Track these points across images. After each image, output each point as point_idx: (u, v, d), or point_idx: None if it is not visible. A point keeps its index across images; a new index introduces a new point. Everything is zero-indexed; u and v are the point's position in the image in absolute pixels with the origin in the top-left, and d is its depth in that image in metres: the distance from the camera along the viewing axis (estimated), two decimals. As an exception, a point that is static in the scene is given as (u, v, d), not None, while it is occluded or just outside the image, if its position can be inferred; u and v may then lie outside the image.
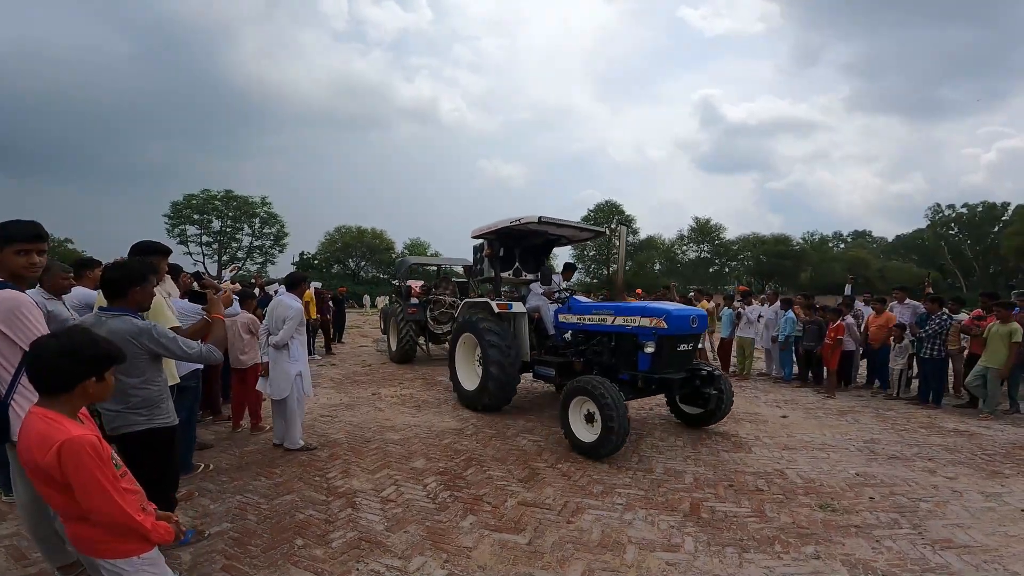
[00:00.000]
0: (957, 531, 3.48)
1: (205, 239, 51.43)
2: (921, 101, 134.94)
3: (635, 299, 10.57)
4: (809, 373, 9.02)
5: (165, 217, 49.80)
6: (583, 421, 4.99)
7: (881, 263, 55.93)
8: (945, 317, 7.28)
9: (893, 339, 7.91)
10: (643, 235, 59.71)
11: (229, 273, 9.94)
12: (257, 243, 54.08)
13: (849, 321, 8.51)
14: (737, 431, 5.87)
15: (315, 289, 12.55)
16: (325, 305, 12.94)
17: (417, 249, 58.13)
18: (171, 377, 3.46)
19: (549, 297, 6.80)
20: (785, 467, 4.73)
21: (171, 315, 3.47)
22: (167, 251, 3.78)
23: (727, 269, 57.74)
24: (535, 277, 7.56)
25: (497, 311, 6.47)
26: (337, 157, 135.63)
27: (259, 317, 5.88)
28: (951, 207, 54.52)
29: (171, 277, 4.25)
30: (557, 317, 6.46)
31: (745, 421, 6.41)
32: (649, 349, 5.07)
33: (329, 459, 4.81)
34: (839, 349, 8.27)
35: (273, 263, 53.61)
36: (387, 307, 13.15)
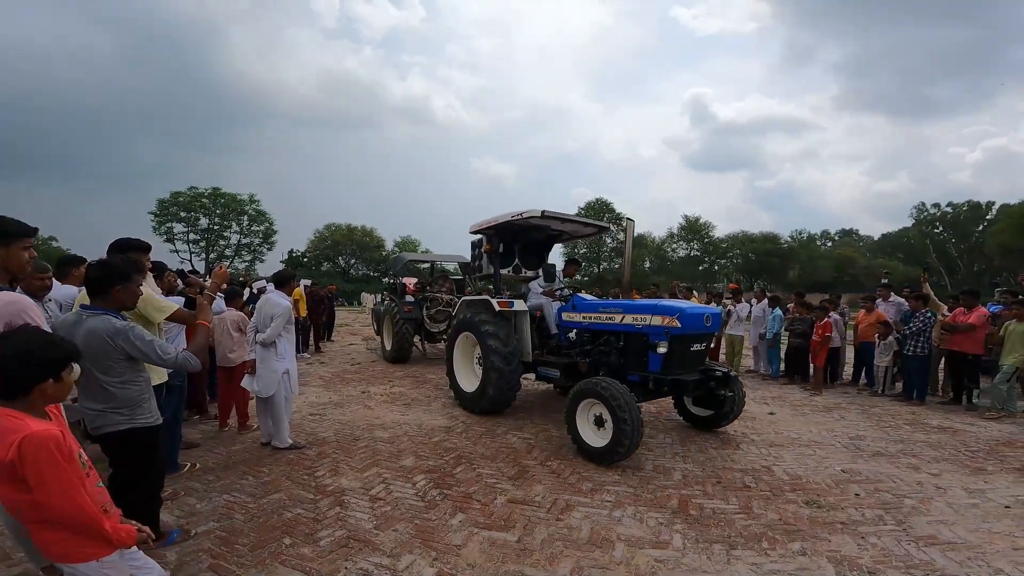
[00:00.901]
0: (941, 528, 3.52)
1: (192, 237, 50.86)
2: (908, 100, 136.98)
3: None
4: (793, 371, 9.11)
5: (151, 214, 49.24)
6: (592, 425, 4.78)
7: (868, 261, 56.52)
8: (929, 315, 7.37)
9: (878, 336, 8.01)
10: (634, 232, 59.79)
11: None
12: (245, 241, 53.60)
13: (835, 318, 8.60)
14: (725, 428, 5.91)
15: (305, 287, 12.44)
16: (320, 304, 12.79)
17: (408, 247, 57.92)
18: (157, 376, 3.41)
19: (551, 295, 6.58)
20: (772, 464, 4.77)
21: (163, 302, 3.42)
22: (146, 247, 3.68)
23: (716, 267, 58.01)
24: (535, 274, 7.37)
25: (498, 309, 6.20)
26: (327, 155, 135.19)
27: (248, 315, 5.83)
28: (936, 206, 55.21)
29: (155, 275, 4.17)
30: (560, 316, 6.25)
31: (733, 418, 6.44)
32: (662, 349, 4.85)
33: (317, 458, 4.78)
34: (826, 346, 8.35)
35: (262, 261, 53.20)
36: (378, 307, 12.80)
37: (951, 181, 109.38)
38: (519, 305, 6.33)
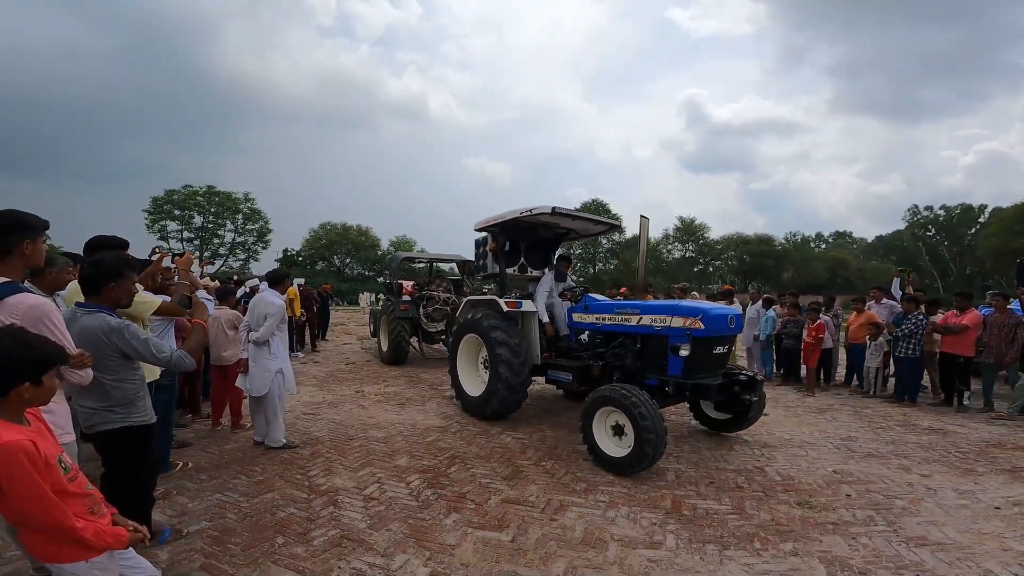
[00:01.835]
0: (931, 528, 3.55)
1: (186, 235, 50.51)
2: (901, 103, 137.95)
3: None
4: (783, 371, 9.15)
5: (145, 212, 48.86)
6: (610, 434, 4.57)
7: (861, 263, 56.89)
8: (921, 317, 7.42)
9: (869, 337, 8.05)
10: (628, 234, 60.09)
11: (200, 268, 9.16)
12: (240, 240, 53.24)
13: (827, 320, 8.65)
14: (719, 429, 5.92)
15: (299, 286, 12.36)
16: (311, 303, 12.74)
17: (403, 247, 57.72)
18: (149, 374, 3.40)
19: (573, 297, 6.27)
20: (765, 464, 4.79)
21: (149, 297, 3.40)
22: (123, 244, 3.63)
23: (711, 268, 58.20)
24: (541, 273, 7.09)
25: (506, 310, 5.97)
26: (322, 153, 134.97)
27: (242, 312, 5.82)
28: (929, 208, 55.63)
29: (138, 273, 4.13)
30: (571, 316, 6.00)
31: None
32: (683, 352, 4.62)
33: (311, 457, 4.77)
34: (819, 348, 8.40)
35: (256, 259, 52.78)
36: (375, 309, 12.56)
37: (944, 184, 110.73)
38: (527, 306, 6.11)
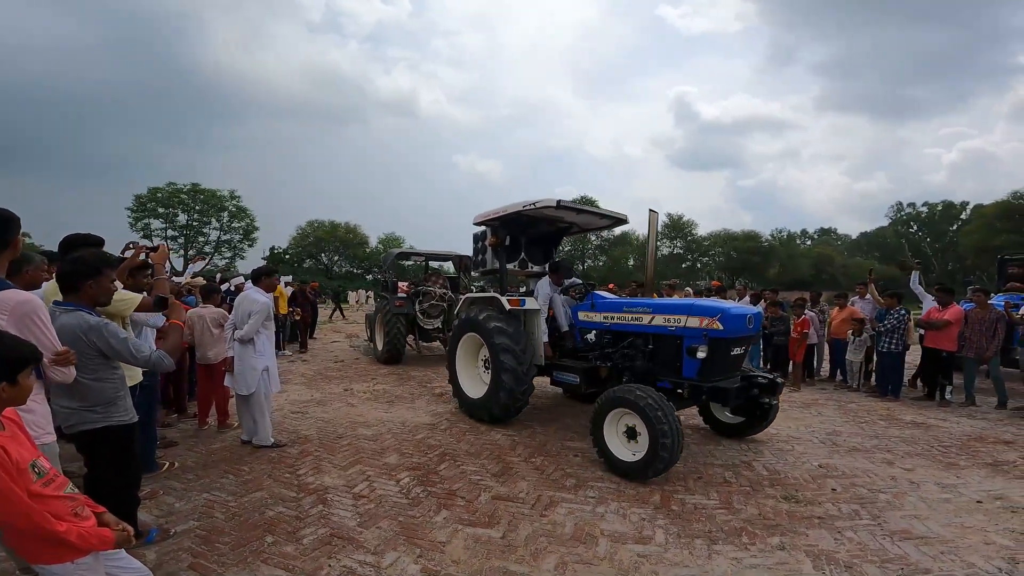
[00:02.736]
0: (915, 522, 3.60)
1: (171, 233, 49.89)
2: (888, 101, 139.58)
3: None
4: (769, 366, 9.24)
5: (128, 210, 48.18)
6: (622, 437, 4.39)
7: (845, 260, 57.65)
8: (903, 312, 7.53)
9: (852, 333, 8.16)
10: (617, 231, 60.35)
11: (193, 266, 9.12)
12: (225, 238, 52.71)
13: (812, 315, 8.75)
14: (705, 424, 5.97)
15: (286, 283, 12.22)
16: (306, 301, 12.52)
17: (392, 244, 57.45)
18: (131, 378, 3.35)
19: (566, 292, 6.09)
20: (752, 459, 4.84)
21: (127, 294, 3.37)
22: (98, 241, 3.56)
23: (699, 265, 58.65)
24: (542, 269, 6.90)
25: (509, 308, 5.72)
26: (310, 150, 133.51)
27: (228, 311, 5.76)
28: (912, 206, 56.56)
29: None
30: (576, 315, 5.77)
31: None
32: (701, 354, 4.40)
33: (299, 456, 4.74)
34: (804, 343, 8.50)
35: (243, 258, 52.33)
36: (369, 314, 12.18)
37: (927, 181, 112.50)
38: (531, 303, 5.86)
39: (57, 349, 2.34)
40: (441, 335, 10.55)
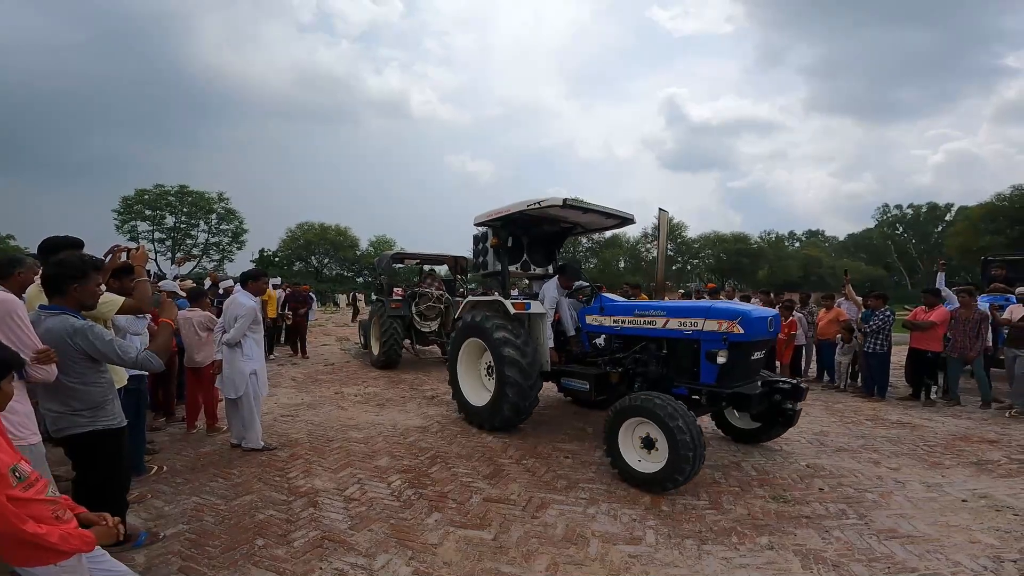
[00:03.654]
0: (901, 521, 3.64)
1: (158, 236, 49.31)
2: (875, 103, 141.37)
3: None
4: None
5: (115, 212, 47.56)
6: (638, 447, 4.20)
7: (833, 261, 58.23)
8: (888, 313, 7.63)
9: (841, 338, 8.23)
10: (608, 233, 60.47)
11: (177, 268, 8.96)
12: (214, 240, 52.15)
13: (799, 316, 8.85)
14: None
15: (274, 286, 12.09)
16: (299, 304, 12.31)
17: (383, 246, 57.20)
18: (117, 380, 3.33)
19: (573, 296, 5.87)
20: (741, 460, 4.88)
21: (110, 296, 3.34)
22: (77, 243, 3.49)
23: (689, 267, 58.97)
24: (545, 271, 6.72)
25: (514, 312, 5.47)
26: (300, 151, 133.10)
27: (216, 313, 5.72)
28: (898, 207, 57.27)
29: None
30: (584, 319, 5.57)
31: (704, 415, 6.56)
32: (721, 359, 4.21)
33: (290, 459, 4.72)
34: (792, 344, 8.58)
35: (231, 260, 51.79)
36: (363, 320, 11.99)
37: (913, 183, 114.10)
38: (536, 307, 5.60)
39: (37, 347, 2.33)
40: (438, 338, 10.40)
